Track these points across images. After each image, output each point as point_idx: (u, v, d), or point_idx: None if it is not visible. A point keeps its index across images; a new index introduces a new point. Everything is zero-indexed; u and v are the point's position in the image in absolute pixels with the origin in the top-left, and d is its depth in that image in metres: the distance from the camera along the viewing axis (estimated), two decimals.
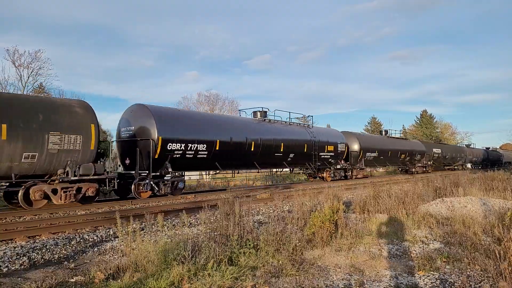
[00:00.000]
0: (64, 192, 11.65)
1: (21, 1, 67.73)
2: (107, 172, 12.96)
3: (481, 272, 4.81)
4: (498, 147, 76.21)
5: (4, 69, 47.47)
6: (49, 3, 79.70)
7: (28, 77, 31.33)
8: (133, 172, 14.13)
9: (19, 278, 5.06)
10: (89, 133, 12.14)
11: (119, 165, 15.82)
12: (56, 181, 11.61)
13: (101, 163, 13.01)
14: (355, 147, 28.05)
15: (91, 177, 12.20)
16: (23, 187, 11.02)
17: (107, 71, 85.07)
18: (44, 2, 79.66)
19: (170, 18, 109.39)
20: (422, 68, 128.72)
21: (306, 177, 27.75)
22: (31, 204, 11.26)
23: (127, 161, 14.90)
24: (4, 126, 10.44)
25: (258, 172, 21.90)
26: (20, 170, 10.93)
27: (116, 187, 13.34)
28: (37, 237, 7.72)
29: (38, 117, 11.15)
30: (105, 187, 13.07)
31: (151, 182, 14.29)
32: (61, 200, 11.57)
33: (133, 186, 13.86)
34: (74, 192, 11.87)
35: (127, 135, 15.20)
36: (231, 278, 4.46)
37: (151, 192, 14.53)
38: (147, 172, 14.15)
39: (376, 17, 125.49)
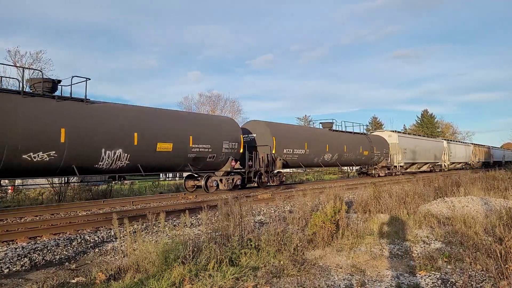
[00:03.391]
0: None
1: (26, 3, 67.87)
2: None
3: (483, 272, 4.80)
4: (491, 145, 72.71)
5: (6, 70, 47.49)
6: (53, 5, 79.90)
7: (29, 78, 31.37)
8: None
9: (20, 279, 5.07)
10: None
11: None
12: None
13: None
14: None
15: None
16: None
17: (111, 71, 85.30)
18: (49, 4, 79.83)
19: (173, 18, 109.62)
20: (424, 67, 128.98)
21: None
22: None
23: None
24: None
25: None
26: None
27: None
28: (38, 238, 7.73)
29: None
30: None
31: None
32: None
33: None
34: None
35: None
36: (232, 278, 4.45)
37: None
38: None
39: (379, 16, 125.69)
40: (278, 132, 20.64)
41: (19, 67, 17.10)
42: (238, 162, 18.40)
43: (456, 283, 4.50)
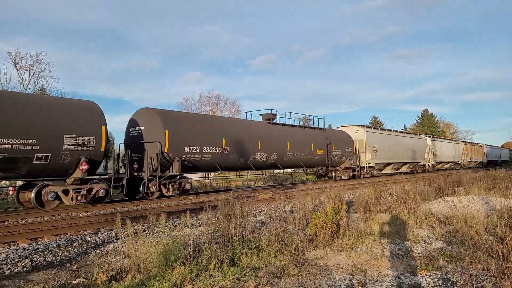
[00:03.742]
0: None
1: (26, 4, 67.96)
2: None
3: (483, 271, 4.80)
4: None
5: (6, 72, 47.67)
6: (53, 6, 79.96)
7: (30, 79, 31.47)
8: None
9: (21, 280, 5.07)
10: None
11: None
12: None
13: None
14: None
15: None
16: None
17: (111, 72, 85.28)
18: (49, 5, 79.92)
19: (173, 19, 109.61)
20: (425, 67, 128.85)
21: None
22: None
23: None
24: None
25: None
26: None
27: None
28: (39, 239, 7.73)
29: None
30: None
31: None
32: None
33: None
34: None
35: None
36: (233, 278, 4.46)
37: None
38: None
39: (379, 15, 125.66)
40: (175, 124, 15.40)
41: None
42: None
43: (457, 283, 4.50)
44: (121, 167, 15.27)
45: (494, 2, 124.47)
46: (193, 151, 15.75)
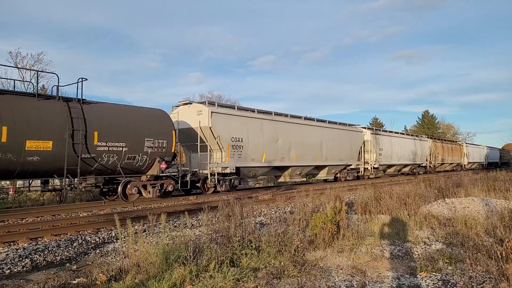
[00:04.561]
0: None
1: (28, 5, 68.04)
2: None
3: (483, 273, 4.80)
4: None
5: (7, 72, 47.66)
6: (54, 6, 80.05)
7: (31, 79, 31.44)
8: None
9: (21, 280, 5.07)
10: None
11: None
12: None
13: None
14: None
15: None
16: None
17: (112, 73, 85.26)
18: (50, 5, 80.00)
19: (175, 20, 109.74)
20: (426, 67, 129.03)
21: None
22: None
23: None
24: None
25: None
26: None
27: None
28: (39, 239, 7.74)
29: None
30: None
31: None
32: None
33: None
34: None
35: None
36: (233, 279, 4.46)
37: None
38: None
39: (381, 16, 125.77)
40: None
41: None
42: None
43: (457, 284, 4.50)
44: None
45: (495, 3, 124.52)
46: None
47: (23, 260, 6.06)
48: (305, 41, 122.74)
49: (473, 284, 4.37)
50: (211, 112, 15.95)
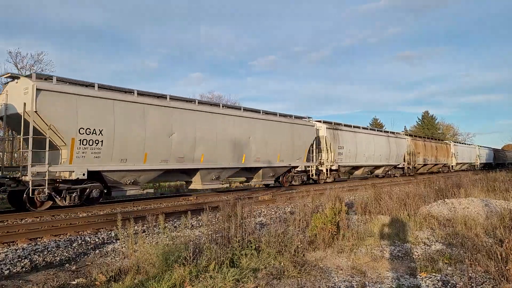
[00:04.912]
0: None
1: (29, 5, 68.01)
2: None
3: (483, 274, 4.80)
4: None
5: (6, 71, 47.56)
6: (55, 6, 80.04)
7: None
8: None
9: (20, 281, 5.07)
10: None
11: None
12: None
13: None
14: None
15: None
16: None
17: (113, 73, 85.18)
18: (50, 5, 79.98)
19: (175, 20, 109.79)
20: (425, 68, 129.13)
21: None
22: None
23: None
24: None
25: None
26: None
27: None
28: (38, 239, 7.73)
29: None
30: None
31: None
32: None
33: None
34: None
35: None
36: (233, 280, 4.45)
37: None
38: None
39: (382, 17, 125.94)
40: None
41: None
42: None
43: (457, 285, 4.50)
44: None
45: (495, 4, 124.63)
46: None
47: (22, 260, 6.05)
48: (305, 42, 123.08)
49: (472, 284, 4.36)
50: (38, 89, 10.71)
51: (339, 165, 23.72)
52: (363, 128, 27.96)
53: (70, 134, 11.25)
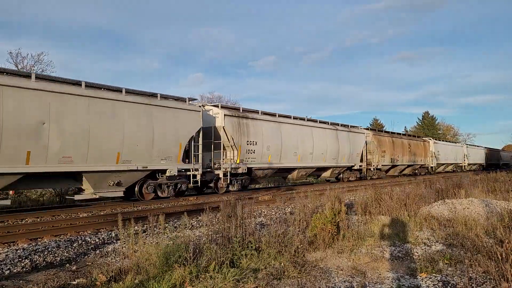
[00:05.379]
0: None
1: (30, 6, 68.05)
2: None
3: (483, 274, 4.80)
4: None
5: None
6: (55, 7, 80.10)
7: None
8: None
9: (21, 281, 5.07)
10: None
11: None
12: None
13: None
14: None
15: None
16: None
17: (113, 73, 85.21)
18: (51, 6, 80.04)
19: (176, 20, 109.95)
20: (426, 69, 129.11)
21: None
22: None
23: None
24: None
25: None
26: None
27: None
28: (39, 239, 7.73)
29: None
30: None
31: None
32: None
33: None
34: None
35: None
36: (233, 280, 4.45)
37: None
38: None
39: (382, 17, 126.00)
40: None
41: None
42: None
43: (457, 285, 4.50)
44: None
45: (495, 5, 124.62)
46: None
47: (23, 260, 6.05)
48: (306, 42, 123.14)
49: (473, 285, 4.37)
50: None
51: (247, 167, 17.44)
52: (296, 118, 21.51)
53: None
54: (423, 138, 39.50)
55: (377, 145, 28.15)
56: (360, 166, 26.61)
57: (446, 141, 46.89)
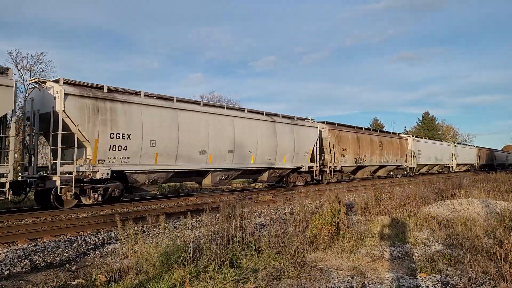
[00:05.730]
0: None
1: (30, 6, 68.07)
2: None
3: (483, 274, 4.80)
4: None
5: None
6: (56, 7, 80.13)
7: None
8: None
9: (20, 281, 5.07)
10: None
11: None
12: None
13: None
14: None
15: None
16: None
17: (113, 73, 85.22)
18: (51, 6, 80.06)
19: (176, 20, 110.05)
20: (426, 69, 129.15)
21: None
22: None
23: None
24: None
25: None
26: None
27: None
28: (39, 239, 7.73)
29: None
30: None
31: None
32: None
33: None
34: None
35: None
36: (233, 280, 4.45)
37: None
38: None
39: (382, 17, 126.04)
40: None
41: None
42: None
43: (457, 286, 4.50)
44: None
45: (496, 5, 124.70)
46: None
47: (23, 260, 6.05)
48: (306, 42, 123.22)
49: (472, 285, 4.37)
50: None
51: (114, 170, 12.58)
52: (207, 104, 16.43)
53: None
54: (400, 134, 33.94)
55: (336, 142, 23.24)
56: (310, 167, 21.27)
57: (430, 139, 42.29)
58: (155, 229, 7.89)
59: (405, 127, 78.89)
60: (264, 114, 18.97)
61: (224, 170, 16.50)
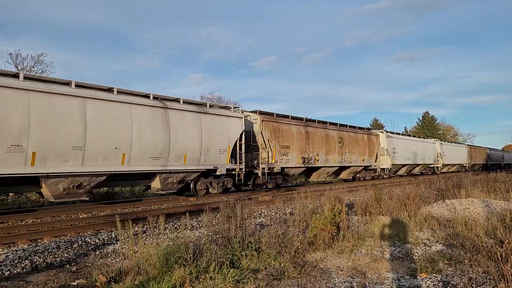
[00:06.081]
0: None
1: (31, 6, 68.13)
2: None
3: (483, 274, 4.80)
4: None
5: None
6: (56, 7, 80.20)
7: None
8: None
9: (21, 282, 5.07)
10: None
11: None
12: None
13: None
14: None
15: None
16: None
17: (113, 74, 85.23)
18: (51, 6, 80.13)
19: (176, 21, 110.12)
20: (426, 69, 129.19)
21: None
22: None
23: None
24: None
25: None
26: None
27: None
28: (39, 240, 7.73)
29: None
30: None
31: None
32: None
33: None
34: None
35: None
36: (233, 280, 4.45)
37: None
38: None
39: (382, 18, 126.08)
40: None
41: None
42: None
43: (457, 286, 4.50)
44: None
45: (496, 5, 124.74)
46: None
47: (23, 261, 6.05)
48: (306, 42, 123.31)
49: (473, 285, 4.37)
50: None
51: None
52: (27, 78, 10.37)
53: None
54: (370, 130, 28.51)
55: (272, 136, 18.17)
56: (231, 169, 16.21)
57: (407, 135, 36.59)
58: (155, 229, 7.89)
59: (405, 127, 78.96)
60: (151, 97, 13.53)
61: (70, 175, 10.91)
